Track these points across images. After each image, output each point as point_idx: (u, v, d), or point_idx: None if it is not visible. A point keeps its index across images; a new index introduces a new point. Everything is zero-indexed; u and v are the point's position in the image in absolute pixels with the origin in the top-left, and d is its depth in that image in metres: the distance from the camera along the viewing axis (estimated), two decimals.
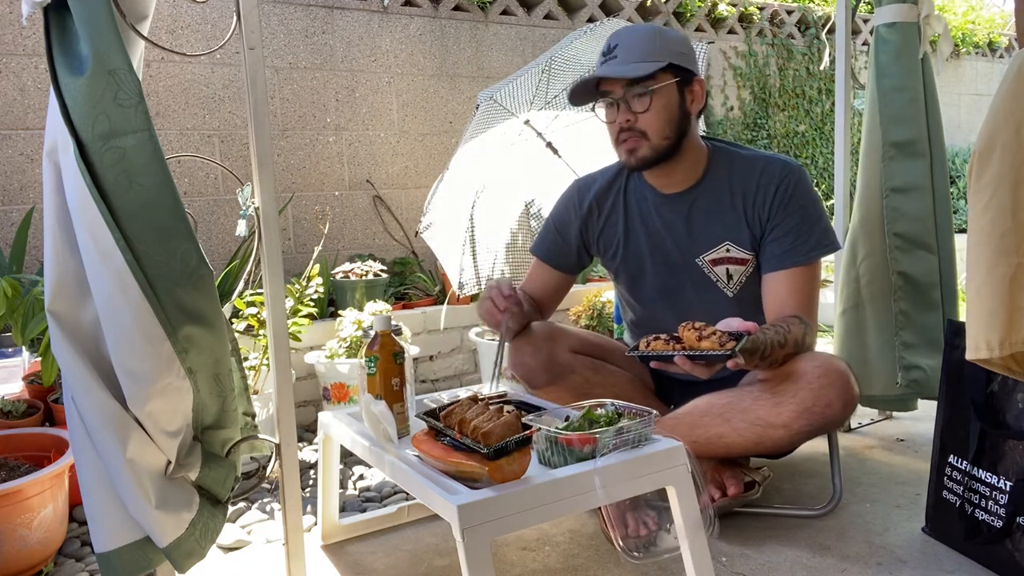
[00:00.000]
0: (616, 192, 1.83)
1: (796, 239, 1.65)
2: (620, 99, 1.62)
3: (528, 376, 1.72)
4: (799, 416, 1.50)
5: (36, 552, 1.57)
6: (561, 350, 1.73)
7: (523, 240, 2.54)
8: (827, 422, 1.52)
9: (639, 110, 1.61)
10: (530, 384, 1.74)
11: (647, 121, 1.62)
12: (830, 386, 1.51)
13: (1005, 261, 1.00)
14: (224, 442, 1.35)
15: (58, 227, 1.22)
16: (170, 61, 3.02)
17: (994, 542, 1.45)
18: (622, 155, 1.68)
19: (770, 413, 1.52)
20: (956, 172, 5.47)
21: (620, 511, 1.44)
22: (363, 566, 1.62)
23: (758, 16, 4.78)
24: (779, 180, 1.68)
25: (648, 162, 1.66)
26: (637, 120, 1.62)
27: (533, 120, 2.33)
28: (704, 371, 1.43)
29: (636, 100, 1.61)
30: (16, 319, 1.77)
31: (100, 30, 1.13)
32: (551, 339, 1.74)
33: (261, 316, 2.35)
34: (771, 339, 1.51)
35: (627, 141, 1.64)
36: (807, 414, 1.50)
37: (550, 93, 2.26)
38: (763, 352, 1.49)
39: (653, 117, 1.62)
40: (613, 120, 1.66)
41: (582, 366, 1.74)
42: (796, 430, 1.50)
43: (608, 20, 2.10)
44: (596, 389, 1.68)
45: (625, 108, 1.62)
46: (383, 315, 2.02)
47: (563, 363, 1.72)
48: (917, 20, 2.16)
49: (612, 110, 1.66)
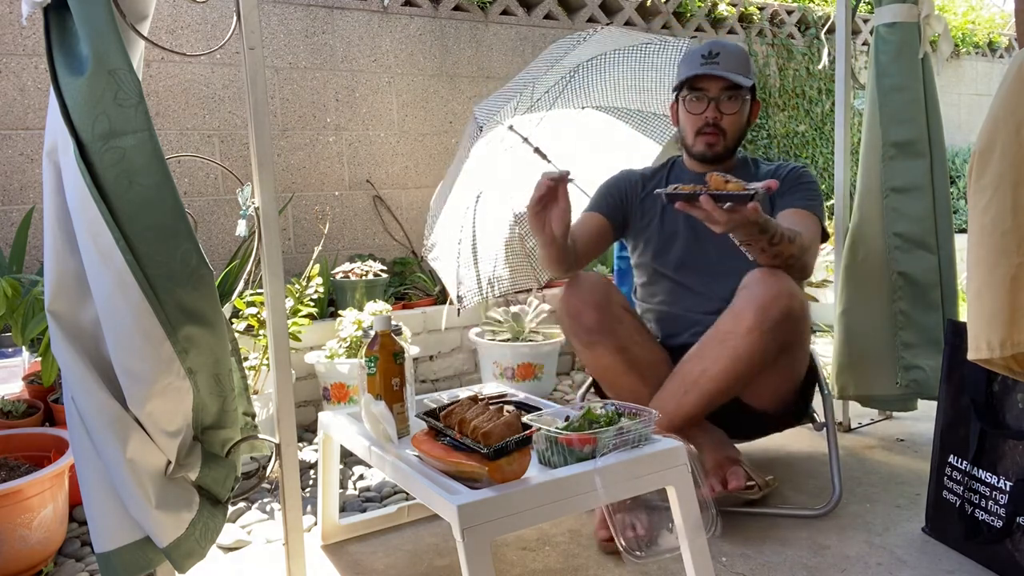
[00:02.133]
0: (661, 177, 2.03)
1: (800, 194, 1.86)
2: (714, 98, 1.84)
3: (578, 312, 1.75)
4: (757, 313, 1.59)
5: (36, 552, 1.57)
6: (614, 301, 1.79)
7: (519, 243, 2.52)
8: (784, 314, 1.60)
9: (729, 112, 1.85)
10: (577, 320, 1.75)
11: (729, 122, 1.87)
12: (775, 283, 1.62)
13: (1006, 261, 1.00)
14: (224, 442, 1.35)
15: (58, 227, 1.22)
16: (170, 61, 3.02)
17: (994, 542, 1.45)
18: (700, 145, 1.89)
19: (734, 325, 1.62)
20: (956, 172, 5.47)
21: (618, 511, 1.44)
22: (363, 566, 1.62)
23: (758, 16, 4.78)
24: (791, 168, 1.92)
25: (720, 156, 1.90)
26: (722, 119, 1.85)
27: (517, 125, 2.33)
28: (723, 216, 1.46)
29: (728, 103, 1.85)
30: (16, 319, 1.77)
31: (100, 30, 1.13)
32: (606, 287, 1.80)
33: (261, 316, 2.35)
34: (782, 229, 1.62)
35: (709, 135, 1.86)
36: (763, 310, 1.59)
37: (535, 96, 2.26)
38: (772, 234, 1.58)
39: (735, 120, 1.87)
40: (700, 113, 1.86)
41: (630, 321, 1.81)
42: (764, 329, 1.59)
43: (602, 28, 2.10)
44: (635, 348, 1.77)
45: (714, 106, 1.84)
46: (383, 315, 2.02)
47: (614, 311, 1.77)
48: (917, 20, 2.16)
49: (702, 104, 1.86)
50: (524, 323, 2.95)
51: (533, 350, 2.87)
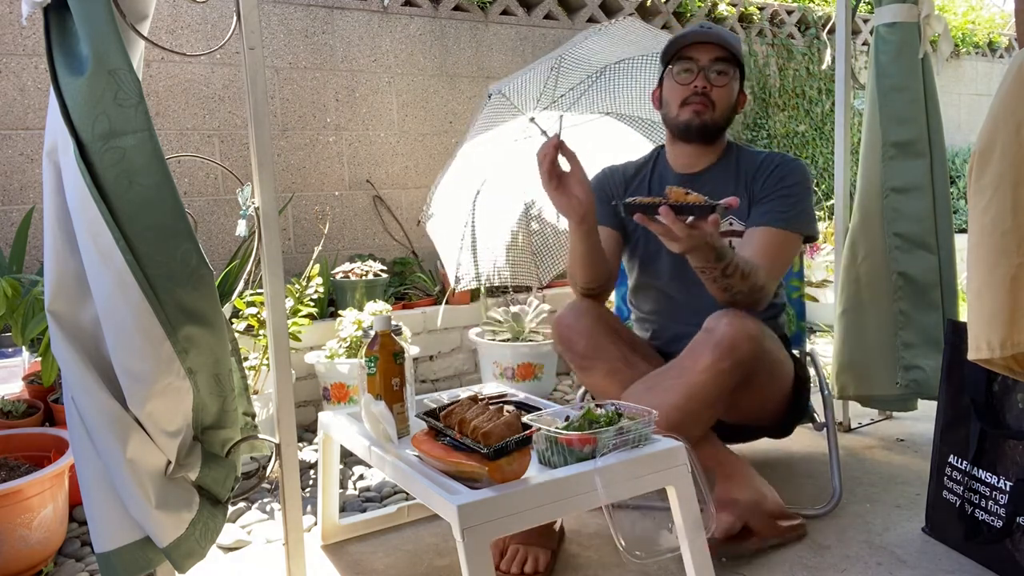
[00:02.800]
0: (644, 174, 1.97)
1: (777, 206, 1.76)
2: (704, 67, 1.78)
3: (569, 341, 1.75)
4: (713, 353, 1.55)
5: (36, 552, 1.57)
6: (604, 325, 1.77)
7: (523, 241, 2.53)
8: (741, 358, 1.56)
9: (718, 84, 1.78)
10: (569, 349, 1.76)
11: (719, 95, 1.79)
12: (736, 325, 1.57)
13: (1006, 261, 1.00)
14: (224, 442, 1.35)
15: (58, 227, 1.22)
16: (170, 61, 3.02)
17: (994, 542, 1.45)
18: (686, 114, 1.80)
19: (692, 361, 1.58)
20: (956, 172, 5.47)
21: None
22: (363, 566, 1.62)
23: (758, 16, 4.78)
24: (778, 162, 1.82)
25: (706, 128, 1.80)
26: (712, 91, 1.78)
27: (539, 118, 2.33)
28: (683, 231, 1.44)
29: (717, 75, 1.78)
30: (16, 319, 1.77)
31: (100, 30, 1.13)
32: (596, 312, 1.78)
33: (261, 316, 2.35)
34: (738, 260, 1.59)
35: (697, 104, 1.78)
36: (719, 351, 1.54)
37: (557, 92, 2.25)
38: (727, 264, 1.56)
39: (724, 94, 1.79)
40: (689, 83, 1.79)
41: (622, 345, 1.78)
42: (719, 369, 1.54)
43: (623, 19, 2.09)
44: (628, 369, 1.73)
45: (703, 76, 1.78)
46: (383, 315, 2.02)
47: (605, 337, 1.75)
48: (917, 20, 2.16)
49: (690, 75, 1.79)
50: (524, 323, 2.95)
51: (533, 350, 2.88)
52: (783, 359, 1.75)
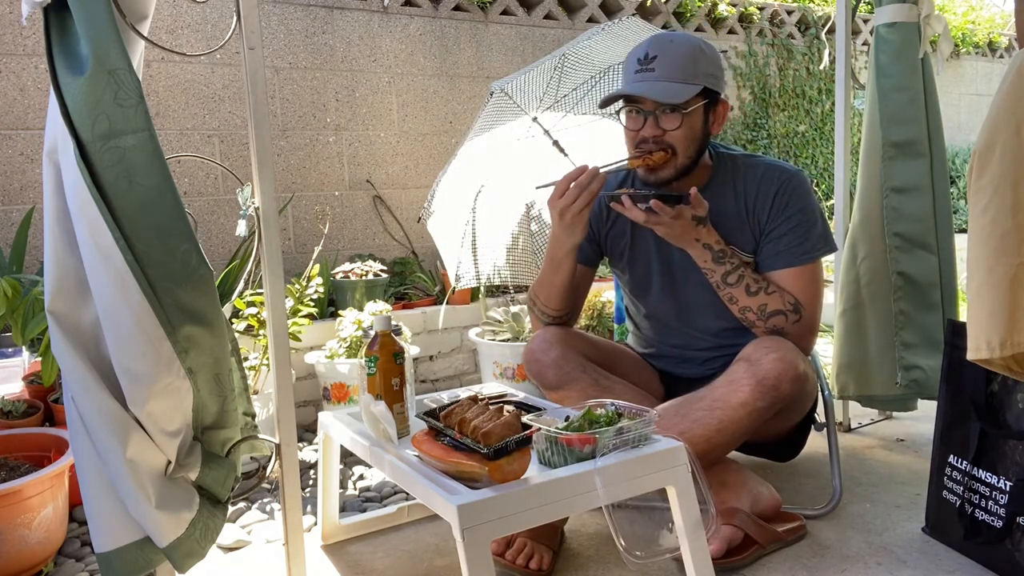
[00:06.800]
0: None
1: (792, 241, 1.68)
2: (650, 112, 1.62)
3: (540, 373, 1.74)
4: (754, 390, 1.51)
5: (36, 552, 1.57)
6: (573, 353, 1.74)
7: (523, 242, 2.53)
8: (783, 396, 1.53)
9: (669, 128, 1.62)
10: (540, 382, 1.75)
11: (677, 138, 1.63)
12: (779, 357, 1.54)
13: (1005, 261, 1.00)
14: (224, 442, 1.35)
15: (58, 227, 1.22)
16: (170, 61, 3.02)
17: (994, 542, 1.45)
18: (642, 171, 1.68)
19: (727, 394, 1.53)
20: (956, 172, 5.47)
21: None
22: (363, 566, 1.62)
23: (758, 16, 4.78)
24: (778, 185, 1.71)
25: (667, 181, 1.67)
26: (664, 135, 1.62)
27: (541, 118, 2.33)
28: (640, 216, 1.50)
29: (666, 118, 1.61)
30: (16, 319, 1.77)
31: (100, 30, 1.13)
32: (564, 341, 1.75)
33: (261, 316, 2.35)
34: (745, 273, 1.61)
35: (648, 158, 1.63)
36: (761, 388, 1.51)
37: (560, 92, 2.25)
38: (729, 271, 1.57)
39: (682, 135, 1.63)
40: (637, 129, 1.65)
41: (593, 371, 1.75)
42: (757, 406, 1.51)
43: (627, 19, 2.08)
44: (604, 394, 1.68)
45: (653, 122, 1.62)
46: (383, 315, 2.02)
47: (574, 365, 1.72)
48: (917, 20, 2.15)
49: (638, 120, 1.65)
50: (524, 323, 2.95)
51: None
52: (812, 391, 1.69)
